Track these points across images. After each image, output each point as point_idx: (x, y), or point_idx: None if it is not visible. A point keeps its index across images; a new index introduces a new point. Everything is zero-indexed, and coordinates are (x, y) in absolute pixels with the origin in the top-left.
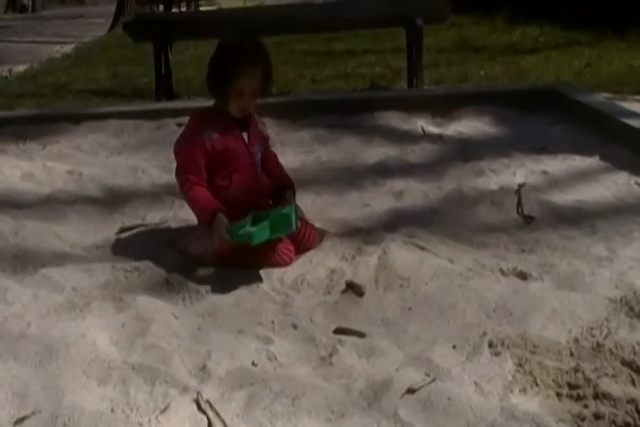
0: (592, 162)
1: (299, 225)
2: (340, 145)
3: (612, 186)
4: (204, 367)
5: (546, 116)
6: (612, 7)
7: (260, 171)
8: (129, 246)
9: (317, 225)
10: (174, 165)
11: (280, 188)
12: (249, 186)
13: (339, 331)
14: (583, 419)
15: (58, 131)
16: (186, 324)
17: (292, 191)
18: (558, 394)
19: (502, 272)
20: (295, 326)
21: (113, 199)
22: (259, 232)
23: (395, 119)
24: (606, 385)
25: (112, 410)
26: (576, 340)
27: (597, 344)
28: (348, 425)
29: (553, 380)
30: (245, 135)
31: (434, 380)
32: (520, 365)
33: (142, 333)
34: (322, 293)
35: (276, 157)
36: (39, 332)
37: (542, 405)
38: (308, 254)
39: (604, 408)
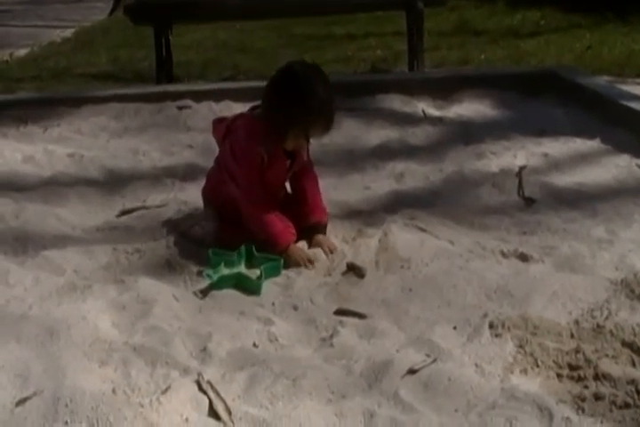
0: (593, 144)
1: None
2: (342, 128)
3: (613, 168)
4: (204, 349)
5: (547, 99)
6: None
7: (285, 185)
8: (130, 229)
9: None
10: (175, 149)
11: (311, 228)
12: (271, 199)
13: (339, 312)
14: (583, 400)
15: (58, 114)
16: (187, 306)
17: (324, 228)
18: (559, 375)
19: (503, 254)
20: (296, 308)
21: (114, 182)
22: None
23: (396, 102)
24: (606, 366)
25: (113, 391)
26: (576, 321)
27: (598, 326)
28: (349, 406)
29: (553, 361)
30: (289, 162)
31: (434, 361)
32: (521, 346)
33: (143, 314)
34: (323, 274)
35: (314, 184)
36: (41, 314)
37: (543, 385)
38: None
39: (605, 389)
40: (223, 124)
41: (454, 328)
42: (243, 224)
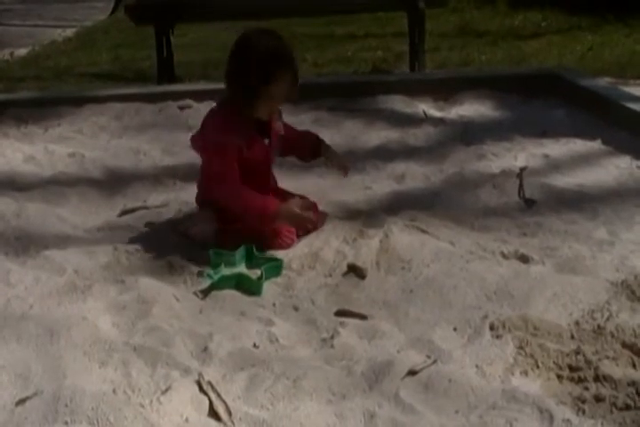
0: (594, 146)
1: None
2: (342, 128)
3: (614, 170)
4: (205, 349)
5: (548, 101)
6: None
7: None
8: (130, 229)
9: (319, 208)
10: (176, 149)
11: (312, 144)
12: (262, 186)
13: (340, 313)
14: (584, 401)
15: (59, 114)
16: (187, 306)
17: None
18: (559, 376)
19: (503, 255)
20: (296, 309)
21: (114, 182)
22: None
23: (396, 103)
24: (607, 368)
25: (114, 391)
26: (577, 322)
27: (598, 327)
28: (349, 407)
29: (554, 362)
30: (267, 140)
31: (435, 362)
32: (521, 347)
33: (144, 315)
34: (323, 275)
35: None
36: (41, 314)
37: (543, 387)
38: (311, 236)
39: (605, 391)
40: (198, 133)
41: (455, 329)
42: (243, 224)
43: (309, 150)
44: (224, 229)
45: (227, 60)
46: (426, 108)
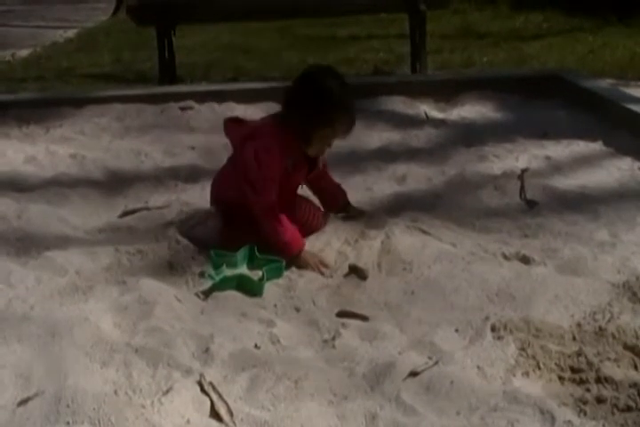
0: (595, 147)
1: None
2: None
3: (616, 171)
4: (206, 350)
5: (549, 102)
6: None
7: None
8: (132, 230)
9: (321, 209)
10: (178, 150)
11: (342, 205)
12: (285, 200)
13: (341, 314)
14: (585, 403)
15: (61, 115)
16: (189, 307)
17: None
18: (561, 378)
19: (505, 257)
20: (298, 310)
21: (116, 183)
22: (245, 280)
23: (398, 104)
24: (608, 369)
25: (115, 392)
26: (579, 324)
27: (600, 329)
28: (351, 408)
29: (555, 364)
30: (307, 168)
31: (436, 363)
32: (523, 348)
33: (145, 316)
34: (325, 276)
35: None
36: (43, 314)
37: (545, 388)
38: (312, 238)
39: (606, 392)
40: (242, 127)
41: (456, 331)
42: (249, 226)
43: (337, 208)
44: (228, 230)
45: (291, 93)
46: (427, 109)
